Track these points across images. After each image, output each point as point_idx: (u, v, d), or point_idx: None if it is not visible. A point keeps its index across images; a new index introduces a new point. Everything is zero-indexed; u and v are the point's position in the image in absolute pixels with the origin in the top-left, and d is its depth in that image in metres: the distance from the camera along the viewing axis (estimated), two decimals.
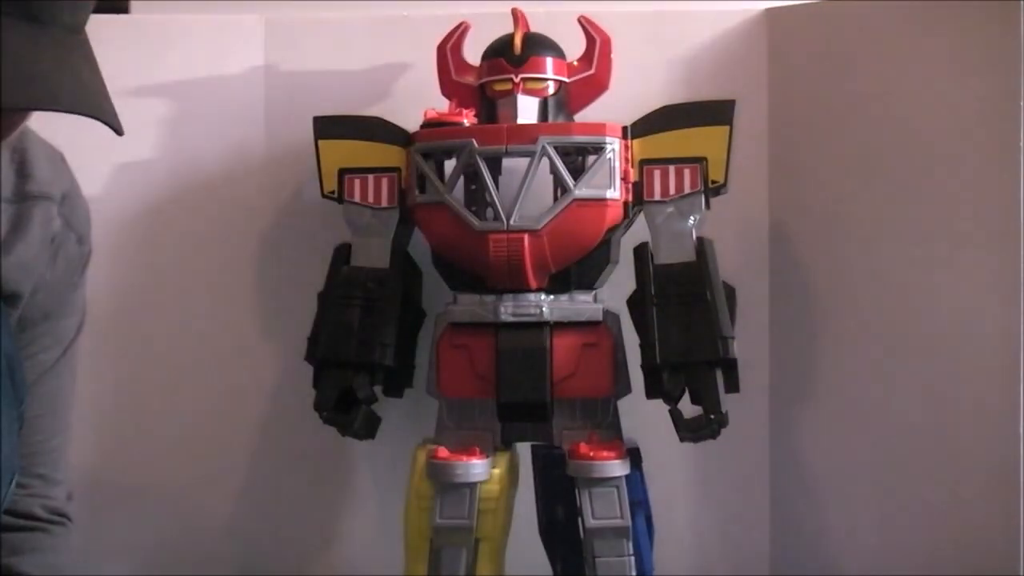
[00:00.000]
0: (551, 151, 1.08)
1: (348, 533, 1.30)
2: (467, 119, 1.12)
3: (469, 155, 1.09)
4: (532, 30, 1.15)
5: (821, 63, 1.23)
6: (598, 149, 1.09)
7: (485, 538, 1.09)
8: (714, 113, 1.11)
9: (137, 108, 1.23)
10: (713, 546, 1.29)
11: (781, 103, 1.26)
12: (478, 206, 1.11)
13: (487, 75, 1.14)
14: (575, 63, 1.16)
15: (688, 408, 1.08)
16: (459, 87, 1.17)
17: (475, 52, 1.18)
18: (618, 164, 1.10)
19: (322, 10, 1.29)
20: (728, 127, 1.10)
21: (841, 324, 1.22)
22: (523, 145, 1.08)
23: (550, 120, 1.13)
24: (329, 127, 1.17)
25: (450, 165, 1.12)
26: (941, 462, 1.13)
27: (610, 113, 1.13)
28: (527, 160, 1.08)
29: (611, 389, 1.11)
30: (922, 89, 1.14)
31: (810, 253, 1.24)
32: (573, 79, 1.15)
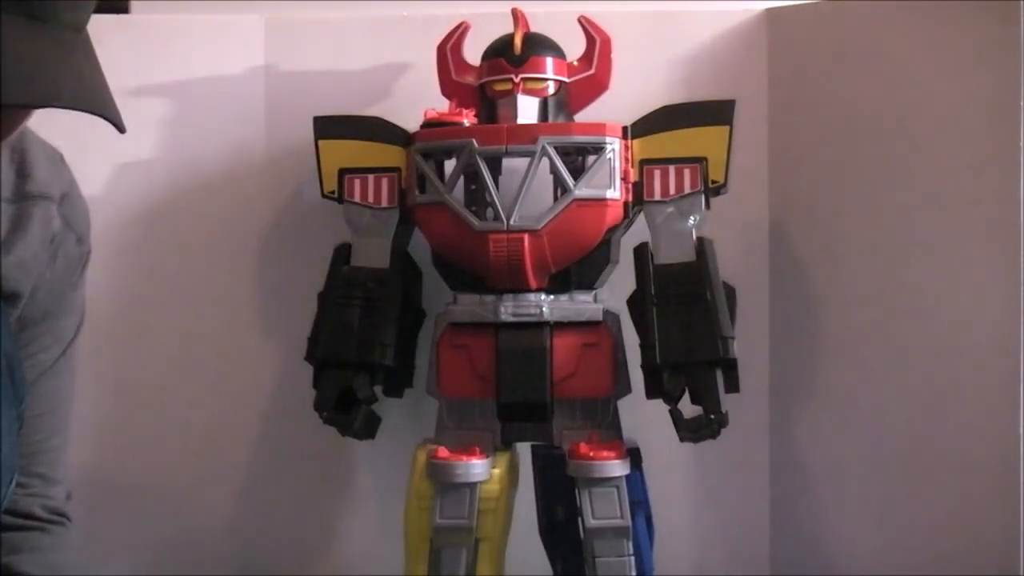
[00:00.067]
0: (551, 151, 1.08)
1: (348, 533, 1.30)
2: (467, 119, 1.12)
3: (469, 155, 1.09)
4: (532, 30, 1.15)
5: (821, 63, 1.23)
6: (598, 149, 1.09)
7: (485, 538, 1.09)
8: (714, 113, 1.11)
9: (137, 108, 1.23)
10: (713, 546, 1.29)
11: (781, 103, 1.26)
12: (478, 206, 1.11)
13: (487, 75, 1.14)
14: (575, 63, 1.16)
15: (688, 408, 1.08)
16: (459, 87, 1.17)
17: (475, 52, 1.18)
18: (618, 164, 1.10)
19: (322, 10, 1.29)
20: (728, 127, 1.10)
21: (841, 324, 1.22)
22: (523, 145, 1.08)
23: (550, 120, 1.13)
24: (329, 127, 1.17)
25: (450, 165, 1.12)
26: (941, 462, 1.13)
27: (610, 113, 1.13)
28: (527, 160, 1.08)
29: (611, 389, 1.11)
30: (922, 89, 1.14)
31: (810, 253, 1.24)
32: (573, 79, 1.15)
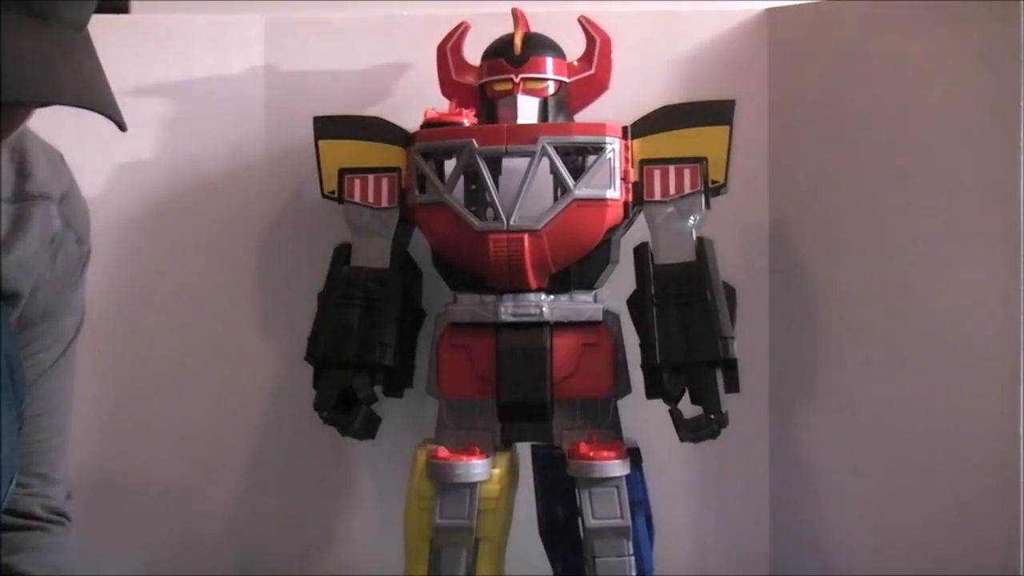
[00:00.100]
0: (551, 151, 1.08)
1: (348, 533, 1.30)
2: (467, 119, 1.12)
3: (469, 155, 1.09)
4: (532, 30, 1.15)
5: (821, 63, 1.23)
6: (598, 149, 1.09)
7: (485, 538, 1.09)
8: (714, 113, 1.11)
9: (137, 108, 1.22)
10: (713, 546, 1.29)
11: (781, 103, 1.26)
12: (478, 206, 1.11)
13: (487, 75, 1.14)
14: (575, 63, 1.16)
15: (688, 408, 1.08)
16: (459, 87, 1.17)
17: (475, 52, 1.18)
18: (618, 164, 1.10)
19: (322, 10, 1.29)
20: (728, 127, 1.10)
21: (841, 324, 1.22)
22: (523, 145, 1.08)
23: (550, 120, 1.13)
24: (329, 127, 1.17)
25: (450, 165, 1.12)
26: (941, 462, 1.13)
27: (610, 113, 1.13)
28: (527, 160, 1.08)
29: (611, 389, 1.11)
30: (922, 89, 1.14)
31: (810, 253, 1.24)
32: (573, 79, 1.15)
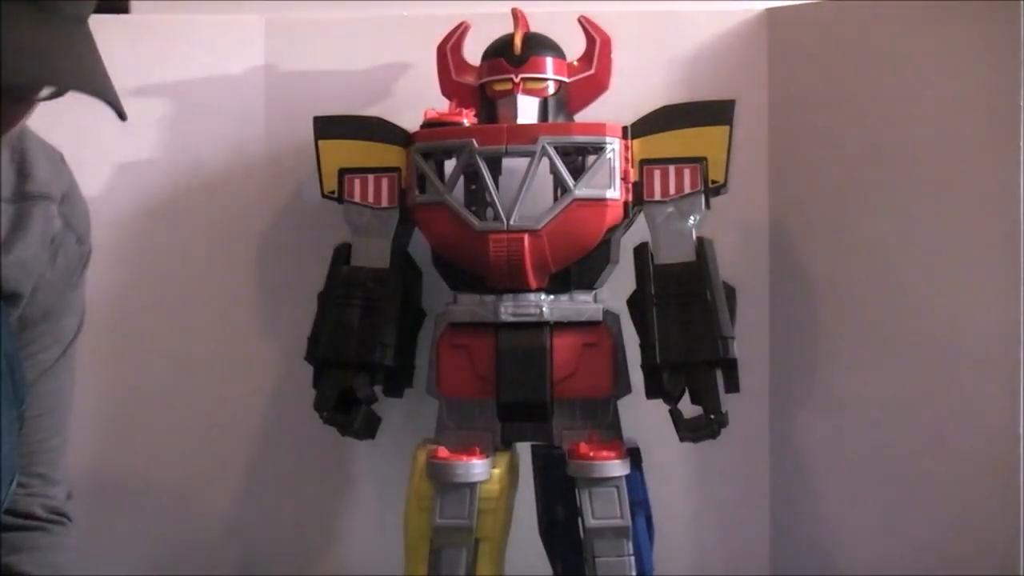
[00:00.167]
0: (551, 151, 1.08)
1: (348, 533, 1.30)
2: (467, 119, 1.12)
3: (469, 155, 1.09)
4: (532, 30, 1.15)
5: (821, 63, 1.23)
6: (598, 149, 1.09)
7: (485, 538, 1.09)
8: (714, 113, 1.11)
9: (137, 108, 1.20)
10: (713, 546, 1.29)
11: (781, 103, 1.26)
12: (478, 206, 1.11)
13: (487, 75, 1.14)
14: (575, 63, 1.16)
15: (688, 408, 1.08)
16: (459, 87, 1.17)
17: (475, 52, 1.18)
18: (618, 164, 1.10)
19: (322, 10, 1.29)
20: (728, 127, 1.10)
21: (841, 324, 1.21)
22: (523, 145, 1.08)
23: (550, 120, 1.13)
24: (329, 127, 1.17)
25: (450, 165, 1.12)
26: (941, 462, 1.13)
27: (610, 113, 1.13)
28: (527, 160, 1.08)
29: (611, 389, 1.11)
30: (922, 89, 1.14)
31: (810, 253, 1.24)
32: (573, 79, 1.15)
